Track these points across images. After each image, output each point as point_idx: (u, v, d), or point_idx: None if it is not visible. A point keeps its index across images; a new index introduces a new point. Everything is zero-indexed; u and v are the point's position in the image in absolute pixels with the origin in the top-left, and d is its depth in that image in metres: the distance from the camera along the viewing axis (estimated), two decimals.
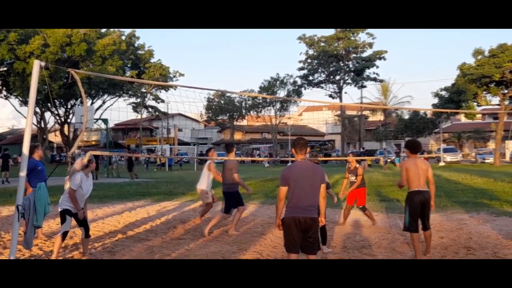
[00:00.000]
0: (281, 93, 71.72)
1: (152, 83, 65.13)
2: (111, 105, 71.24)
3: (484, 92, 51.93)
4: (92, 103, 63.15)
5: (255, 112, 76.59)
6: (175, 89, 54.89)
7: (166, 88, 62.94)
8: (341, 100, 70.01)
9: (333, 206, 13.59)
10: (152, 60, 67.74)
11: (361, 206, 12.14)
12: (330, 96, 71.86)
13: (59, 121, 65.23)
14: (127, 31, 65.13)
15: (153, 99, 71.51)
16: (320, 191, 6.55)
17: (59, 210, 8.53)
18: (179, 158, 50.93)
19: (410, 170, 8.58)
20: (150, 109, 73.60)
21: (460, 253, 9.06)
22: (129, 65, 65.71)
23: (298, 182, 6.43)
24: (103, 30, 60.66)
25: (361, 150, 66.58)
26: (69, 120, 64.46)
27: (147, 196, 19.55)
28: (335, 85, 71.38)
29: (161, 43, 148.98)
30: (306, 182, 6.42)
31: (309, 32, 72.71)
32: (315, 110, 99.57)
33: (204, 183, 12.42)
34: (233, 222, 11.26)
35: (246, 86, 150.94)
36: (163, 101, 70.89)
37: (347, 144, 78.54)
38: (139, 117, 75.51)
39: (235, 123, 79.51)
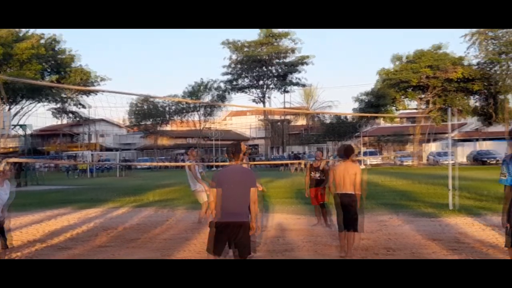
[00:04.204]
0: (206, 98, 71.60)
1: (74, 88, 63.55)
2: (30, 110, 69.05)
3: (403, 97, 53.68)
4: (9, 108, 60.93)
5: (179, 117, 76.09)
6: (97, 94, 54.12)
7: (88, 93, 61.62)
8: (265, 105, 70.63)
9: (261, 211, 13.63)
10: (74, 65, 66.08)
11: (323, 202, 12.33)
12: (254, 101, 72.42)
13: None
14: (47, 34, 63.31)
15: (75, 105, 69.83)
16: (251, 195, 6.49)
17: None
18: (101, 165, 50.03)
19: (337, 174, 8.92)
20: (71, 115, 71.82)
21: (380, 253, 9.31)
22: (49, 70, 63.85)
23: (228, 186, 6.42)
24: (21, 33, 58.67)
25: (291, 153, 67.66)
26: None
27: (68, 204, 19.04)
28: (259, 90, 71.95)
29: (83, 48, 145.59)
30: (235, 186, 6.41)
31: (233, 37, 72.91)
32: (240, 115, 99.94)
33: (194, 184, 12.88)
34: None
35: (170, 91, 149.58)
36: (84, 106, 69.38)
37: (271, 148, 79.26)
38: (59, 123, 73.55)
39: (159, 128, 78.69)
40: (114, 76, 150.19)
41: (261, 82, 71.52)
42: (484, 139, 67.56)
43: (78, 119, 72.82)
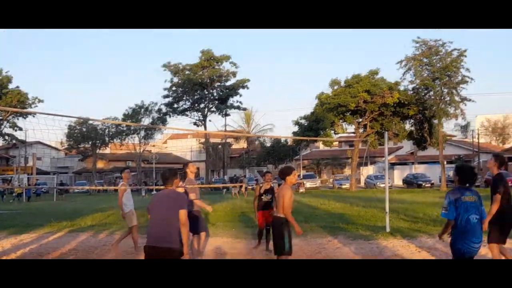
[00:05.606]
0: (146, 121, 71.01)
1: (9, 110, 62.02)
2: None
3: (341, 121, 54.58)
4: None
5: (118, 140, 75.12)
6: (34, 116, 52.90)
7: (24, 115, 60.13)
8: (205, 128, 70.51)
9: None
10: (10, 86, 64.48)
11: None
12: (195, 124, 72.20)
13: None
14: None
15: (10, 127, 68.01)
16: (180, 218, 6.38)
17: None
18: (37, 188, 48.81)
19: (276, 196, 9.00)
20: (6, 137, 69.89)
21: None
22: None
23: (153, 210, 6.44)
24: None
25: (234, 176, 67.76)
26: None
27: (2, 229, 18.37)
28: (199, 113, 71.80)
29: (21, 68, 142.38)
30: (160, 210, 6.40)
31: (174, 60, 72.56)
32: (180, 138, 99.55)
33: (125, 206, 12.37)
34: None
35: (109, 113, 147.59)
36: (20, 128, 67.63)
37: (211, 171, 79.11)
38: None
39: (97, 151, 77.45)
40: (52, 98, 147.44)
41: (202, 105, 71.44)
42: (419, 163, 69.48)
43: (14, 141, 70.99)
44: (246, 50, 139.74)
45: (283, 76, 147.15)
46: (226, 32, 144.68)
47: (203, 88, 69.54)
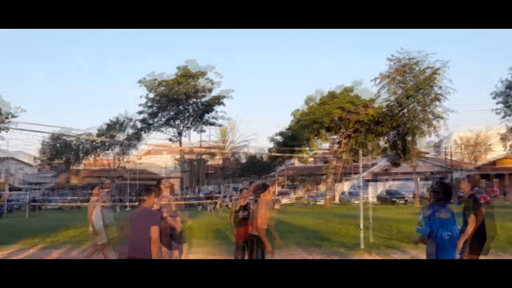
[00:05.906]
0: (121, 137, 70.47)
1: None
2: None
3: (316, 137, 54.80)
4: None
5: (93, 156, 74.53)
6: (7, 132, 52.30)
7: None
8: (180, 144, 70.21)
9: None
10: None
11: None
12: (170, 140, 71.85)
13: None
14: None
15: None
16: (151, 234, 6.43)
17: None
18: (8, 204, 48.16)
19: (251, 212, 8.95)
20: None
21: None
22: None
23: (127, 229, 6.51)
24: None
25: (209, 193, 67.63)
26: None
27: None
28: (175, 129, 71.53)
29: None
30: (134, 228, 6.46)
31: (149, 76, 71.88)
32: (155, 154, 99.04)
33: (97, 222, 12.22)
34: None
35: (85, 128, 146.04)
36: None
37: (186, 188, 78.77)
38: None
39: (72, 166, 76.69)
40: (27, 112, 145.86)
41: (177, 122, 71.17)
42: (393, 179, 70.05)
43: None
44: (226, 63, 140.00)
45: (260, 92, 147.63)
46: (209, 39, 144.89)
47: (179, 104, 69.31)
